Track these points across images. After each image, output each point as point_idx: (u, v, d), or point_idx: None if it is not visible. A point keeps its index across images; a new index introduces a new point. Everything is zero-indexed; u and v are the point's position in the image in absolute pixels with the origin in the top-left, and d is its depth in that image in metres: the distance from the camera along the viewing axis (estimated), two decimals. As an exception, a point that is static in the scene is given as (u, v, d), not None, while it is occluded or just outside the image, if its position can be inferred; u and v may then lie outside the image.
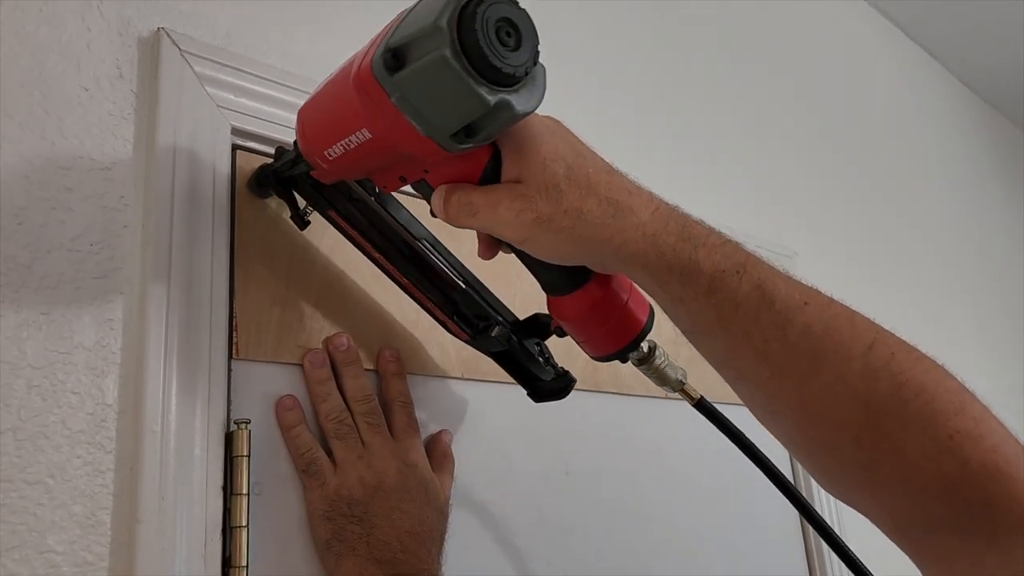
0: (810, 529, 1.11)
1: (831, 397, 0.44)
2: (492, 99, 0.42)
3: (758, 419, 0.50)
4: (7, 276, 0.53)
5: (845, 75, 1.80)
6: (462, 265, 0.67)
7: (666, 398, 0.98)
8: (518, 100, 0.44)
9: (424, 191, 0.52)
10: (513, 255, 0.54)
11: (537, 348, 0.68)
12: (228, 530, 0.57)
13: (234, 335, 0.62)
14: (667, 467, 0.95)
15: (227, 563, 0.57)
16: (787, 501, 0.61)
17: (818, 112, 1.63)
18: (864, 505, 0.46)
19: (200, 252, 0.61)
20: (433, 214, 0.52)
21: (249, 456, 0.59)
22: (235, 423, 0.59)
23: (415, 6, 0.44)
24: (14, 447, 0.51)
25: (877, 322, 0.46)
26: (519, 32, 0.43)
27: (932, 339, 1.75)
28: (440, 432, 0.71)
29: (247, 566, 0.57)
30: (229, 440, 0.59)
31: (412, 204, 0.65)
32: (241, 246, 0.65)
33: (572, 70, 1.06)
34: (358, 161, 0.51)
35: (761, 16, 1.54)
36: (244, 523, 0.57)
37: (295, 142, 0.56)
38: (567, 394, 0.69)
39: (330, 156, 0.51)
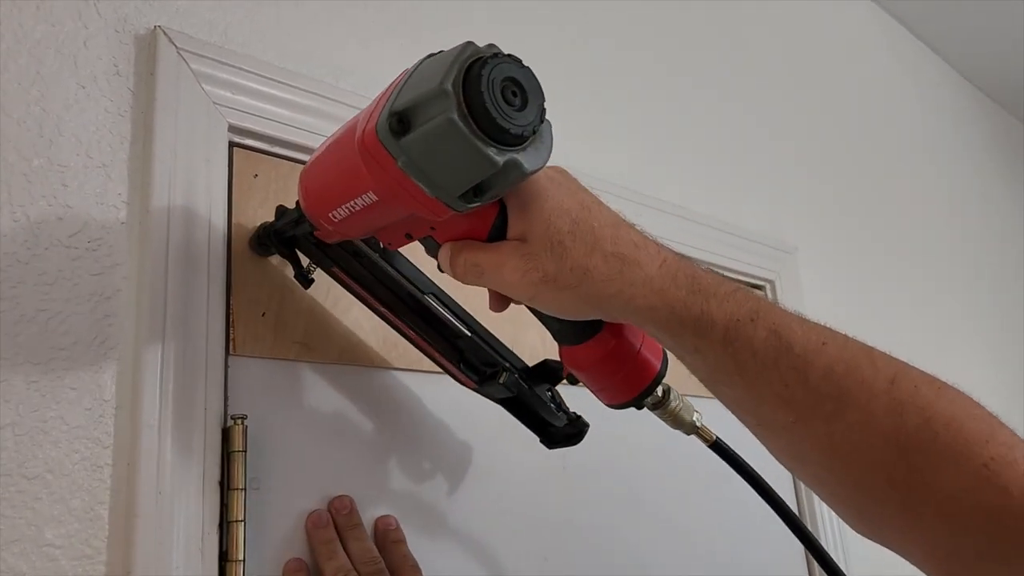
0: (809, 526, 1.12)
1: (859, 437, 0.43)
2: (501, 160, 0.42)
3: (784, 465, 0.49)
4: (5, 272, 0.54)
5: (847, 70, 1.79)
6: (467, 314, 0.67)
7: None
8: (526, 159, 0.43)
9: (431, 247, 0.52)
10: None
11: (548, 394, 0.67)
12: (225, 524, 0.58)
13: (231, 331, 0.62)
14: (664, 462, 0.96)
15: (224, 557, 0.57)
16: (786, 497, 0.61)
17: (819, 107, 1.62)
18: (902, 543, 0.45)
19: (197, 249, 0.61)
20: (441, 269, 0.52)
21: (246, 451, 0.59)
22: (232, 418, 0.60)
23: (417, 68, 0.44)
24: (13, 442, 0.52)
25: (894, 354, 0.46)
26: (524, 91, 0.43)
27: (933, 335, 1.76)
28: None
29: (244, 560, 0.57)
30: (226, 435, 0.59)
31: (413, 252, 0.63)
32: (238, 242, 0.65)
33: (577, 68, 1.06)
34: (364, 222, 0.50)
35: (763, 13, 1.54)
36: (241, 518, 0.58)
37: (297, 202, 0.56)
38: (581, 439, 0.69)
39: (335, 218, 0.51)
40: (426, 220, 0.48)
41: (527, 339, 0.80)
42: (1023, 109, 2.61)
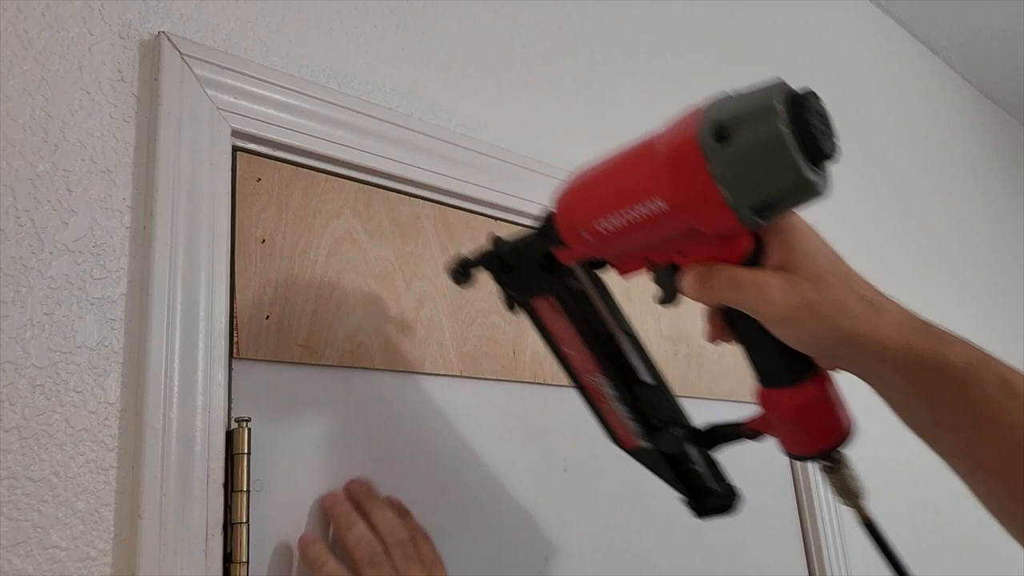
0: (809, 526, 1.12)
1: None
2: (811, 178, 0.45)
3: (994, 512, 0.50)
4: (11, 277, 0.54)
5: (847, 72, 1.80)
6: (653, 363, 0.66)
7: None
8: (822, 182, 0.47)
9: (665, 276, 0.55)
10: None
11: (711, 459, 0.66)
12: (229, 526, 0.58)
13: (235, 335, 0.63)
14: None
15: (228, 559, 0.58)
16: (786, 497, 0.61)
17: (819, 110, 1.63)
18: None
19: (201, 253, 0.62)
20: (669, 296, 0.55)
21: (249, 453, 0.60)
22: (236, 421, 0.60)
23: (733, 95, 0.48)
24: (18, 445, 0.52)
25: None
26: (830, 127, 0.47)
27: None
28: None
29: (248, 562, 0.57)
30: (230, 438, 0.60)
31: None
32: (241, 246, 0.65)
33: (576, 69, 1.06)
34: (629, 235, 0.52)
35: (764, 13, 1.54)
36: (245, 519, 0.58)
37: (543, 222, 0.58)
38: (734, 512, 0.65)
39: (600, 228, 0.53)
40: (688, 240, 0.52)
41: (531, 340, 0.80)
42: (1022, 110, 2.61)
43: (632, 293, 1.00)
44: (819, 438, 0.55)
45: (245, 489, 0.59)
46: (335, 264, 0.71)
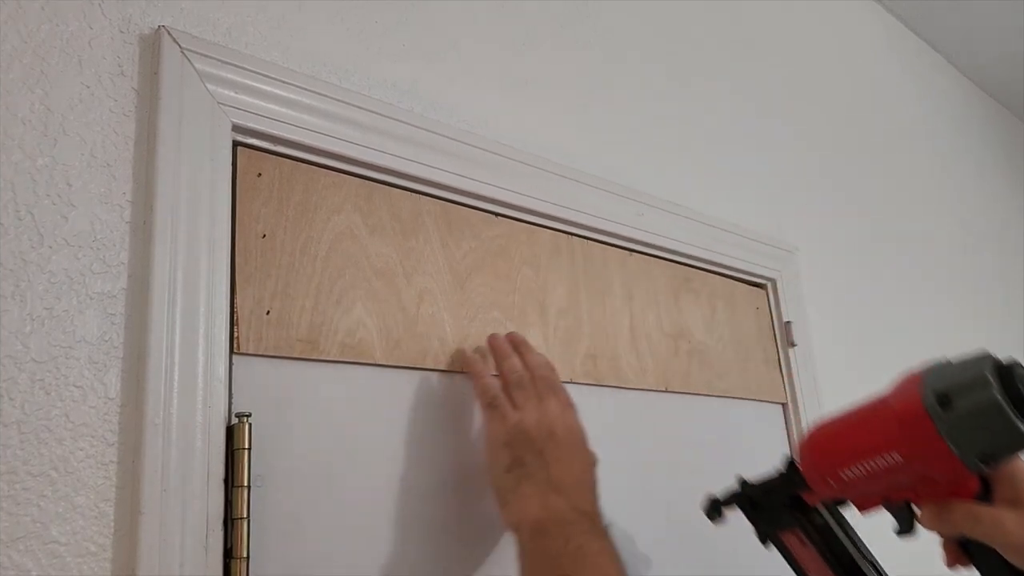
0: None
1: None
2: None
3: None
4: (11, 271, 0.54)
5: (848, 70, 1.79)
6: None
7: (665, 391, 0.99)
8: None
9: (901, 511, 0.64)
10: None
11: None
12: (229, 522, 0.58)
13: (235, 330, 0.63)
14: (670, 460, 0.96)
15: (228, 554, 0.57)
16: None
17: (821, 107, 1.63)
18: None
19: (201, 248, 0.62)
20: (906, 528, 0.64)
21: (250, 449, 0.59)
22: (236, 416, 0.60)
23: (946, 364, 0.59)
24: (18, 440, 0.52)
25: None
26: None
27: (933, 334, 1.76)
28: None
29: (248, 558, 0.57)
30: (231, 433, 0.60)
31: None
32: (241, 241, 0.65)
33: (579, 68, 1.06)
34: (869, 480, 0.62)
35: (765, 11, 1.54)
36: (245, 515, 0.58)
37: (787, 468, 0.71)
38: None
39: (844, 475, 0.63)
40: (922, 484, 0.61)
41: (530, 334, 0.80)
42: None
43: (633, 290, 1.00)
44: None
45: (246, 485, 0.59)
46: (336, 259, 0.71)
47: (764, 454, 1.11)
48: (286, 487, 0.63)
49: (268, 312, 0.65)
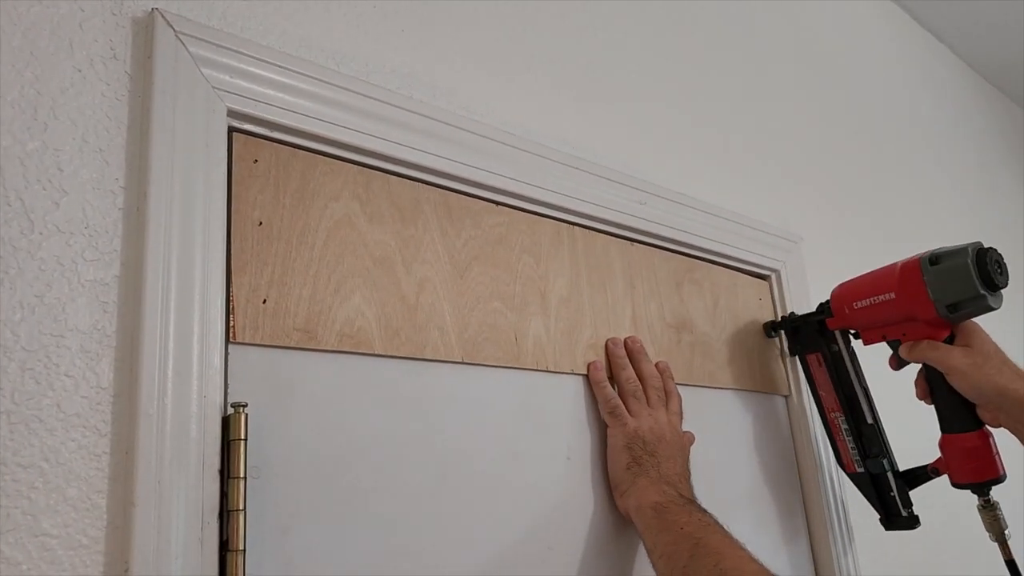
0: (810, 526, 1.11)
1: None
2: (984, 294, 0.83)
3: None
4: (1, 258, 0.53)
5: (852, 60, 1.78)
6: (876, 411, 1.03)
7: (668, 383, 0.97)
8: (993, 301, 0.84)
9: (894, 347, 0.94)
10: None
11: (904, 492, 1.00)
12: (225, 514, 0.57)
13: (231, 318, 0.62)
14: (669, 453, 0.95)
15: (224, 547, 0.56)
16: (793, 492, 0.66)
17: (825, 97, 1.61)
18: None
19: (196, 235, 0.60)
20: (898, 358, 0.95)
21: (246, 439, 0.58)
22: (232, 406, 0.59)
23: (945, 248, 0.88)
24: (8, 430, 0.51)
25: None
26: (1005, 270, 0.85)
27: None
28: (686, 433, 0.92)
29: (244, 550, 0.56)
30: (226, 423, 0.59)
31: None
32: (237, 229, 0.64)
33: (587, 60, 1.05)
34: (871, 314, 0.94)
35: (771, 5, 1.52)
36: (241, 507, 0.57)
37: (821, 304, 1.04)
38: (912, 529, 1.00)
39: (856, 306, 0.95)
40: (908, 325, 0.91)
41: (531, 328, 0.79)
42: (1029, 99, 2.60)
43: (635, 280, 0.98)
44: (979, 472, 0.88)
45: (242, 476, 0.57)
46: (334, 247, 0.69)
47: (766, 446, 1.10)
48: (283, 479, 0.62)
49: (265, 301, 0.64)
